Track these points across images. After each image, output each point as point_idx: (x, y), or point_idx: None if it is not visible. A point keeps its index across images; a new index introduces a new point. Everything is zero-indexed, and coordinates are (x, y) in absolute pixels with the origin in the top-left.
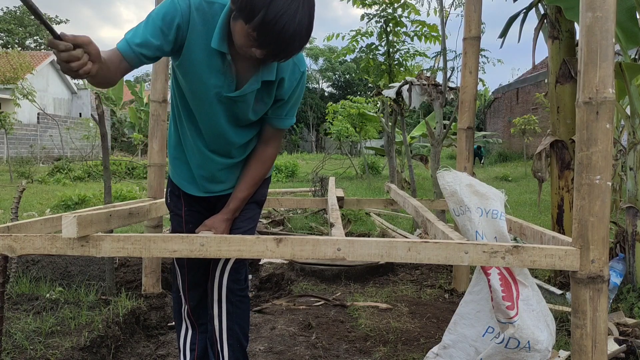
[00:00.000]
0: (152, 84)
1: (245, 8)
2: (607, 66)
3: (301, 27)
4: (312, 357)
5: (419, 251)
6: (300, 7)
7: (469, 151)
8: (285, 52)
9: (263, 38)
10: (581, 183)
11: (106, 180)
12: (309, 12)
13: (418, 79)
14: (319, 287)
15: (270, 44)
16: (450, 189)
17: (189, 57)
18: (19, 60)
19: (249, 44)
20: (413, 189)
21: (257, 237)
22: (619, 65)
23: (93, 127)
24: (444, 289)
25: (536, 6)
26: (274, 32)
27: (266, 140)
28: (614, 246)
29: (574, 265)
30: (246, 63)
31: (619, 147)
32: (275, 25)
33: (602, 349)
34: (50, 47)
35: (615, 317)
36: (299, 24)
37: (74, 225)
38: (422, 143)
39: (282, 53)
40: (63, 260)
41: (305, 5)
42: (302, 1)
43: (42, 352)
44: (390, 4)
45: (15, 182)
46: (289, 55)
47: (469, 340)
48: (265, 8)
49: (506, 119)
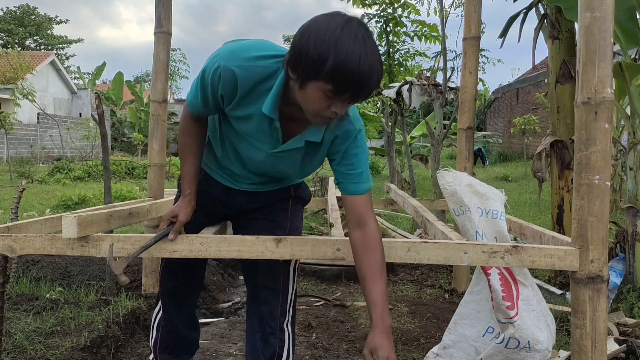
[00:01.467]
0: (152, 84)
1: (311, 64)
2: (606, 66)
3: (374, 59)
4: (312, 357)
5: (419, 251)
6: (367, 38)
7: (469, 151)
8: (367, 89)
9: (340, 83)
10: (580, 183)
11: (106, 180)
12: (373, 43)
13: (418, 79)
14: (319, 287)
15: (349, 86)
16: (450, 189)
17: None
18: (19, 60)
19: (326, 103)
20: (413, 189)
21: (257, 237)
22: (619, 65)
23: (93, 127)
24: (444, 289)
25: (536, 6)
26: (349, 70)
27: (359, 220)
28: (614, 246)
29: (574, 265)
30: (294, 123)
31: (619, 147)
32: (350, 62)
33: (602, 349)
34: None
35: (615, 317)
36: (370, 53)
37: (74, 226)
38: (422, 143)
39: (364, 91)
40: (63, 260)
41: (369, 38)
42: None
43: (42, 352)
44: (390, 4)
45: (15, 182)
46: (370, 91)
47: (469, 340)
48: (332, 50)
49: (506, 119)
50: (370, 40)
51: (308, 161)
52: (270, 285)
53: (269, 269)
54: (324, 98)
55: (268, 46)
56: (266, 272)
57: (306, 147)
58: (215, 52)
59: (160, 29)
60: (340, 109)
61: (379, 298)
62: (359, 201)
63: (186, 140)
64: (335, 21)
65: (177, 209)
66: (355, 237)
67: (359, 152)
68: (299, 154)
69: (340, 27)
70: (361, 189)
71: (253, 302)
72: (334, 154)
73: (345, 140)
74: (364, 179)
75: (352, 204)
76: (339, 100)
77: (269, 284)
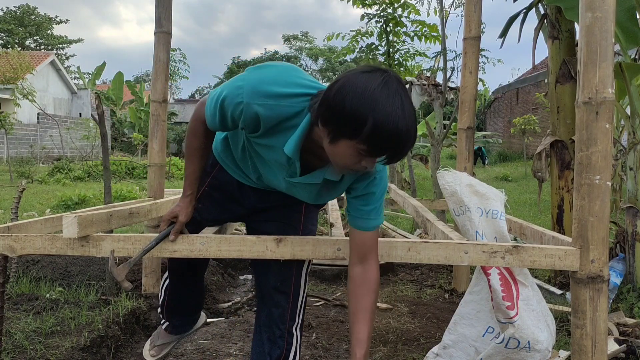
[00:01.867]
0: (152, 84)
1: (347, 124)
2: (607, 66)
3: (411, 120)
4: (312, 357)
5: (419, 251)
6: (404, 98)
7: (469, 151)
8: (402, 152)
9: (377, 146)
10: (581, 183)
11: (106, 180)
12: (409, 100)
13: (418, 79)
14: (319, 287)
15: (385, 149)
16: (450, 189)
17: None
18: (19, 60)
19: (356, 160)
20: (413, 189)
21: (258, 237)
22: (619, 65)
23: (93, 127)
24: (444, 289)
25: (536, 6)
26: (388, 135)
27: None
28: (614, 246)
29: (574, 265)
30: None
31: (619, 147)
32: (388, 127)
33: (602, 349)
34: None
35: (615, 317)
36: (409, 117)
37: (74, 225)
38: (422, 143)
39: (399, 154)
40: (63, 260)
41: (405, 96)
42: (400, 92)
43: (42, 352)
44: (390, 4)
45: (15, 182)
46: (404, 154)
47: (469, 340)
48: (371, 114)
49: (506, 119)
50: (406, 99)
51: (325, 193)
52: (282, 288)
53: (281, 271)
54: (356, 155)
55: (294, 80)
56: (278, 274)
57: (324, 182)
58: (238, 79)
59: (160, 29)
60: (371, 166)
61: (366, 339)
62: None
63: (194, 142)
64: (373, 79)
65: (178, 209)
66: (355, 272)
67: (377, 191)
68: (315, 187)
69: (379, 87)
70: (370, 225)
71: (263, 302)
72: (351, 189)
73: (365, 180)
74: (375, 216)
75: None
76: (371, 160)
77: (280, 286)
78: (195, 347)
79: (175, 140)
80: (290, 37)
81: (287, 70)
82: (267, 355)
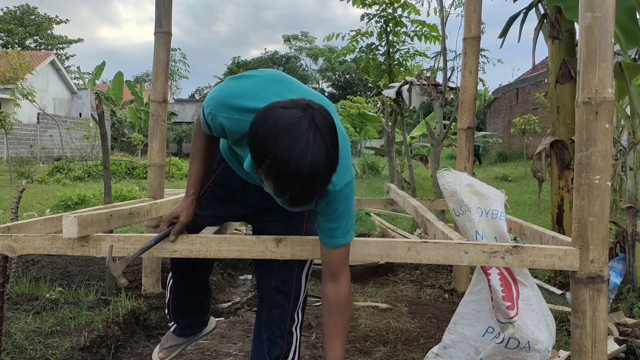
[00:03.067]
0: (152, 84)
1: (254, 154)
2: (607, 66)
3: (319, 163)
4: (312, 357)
5: (419, 251)
6: (312, 140)
7: (469, 151)
8: (305, 195)
9: (276, 184)
10: (581, 183)
11: (106, 180)
12: (323, 143)
13: (418, 79)
14: (319, 287)
15: (286, 189)
16: (450, 189)
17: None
18: (19, 60)
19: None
20: (413, 189)
21: (257, 237)
22: (619, 65)
23: (93, 127)
24: (444, 289)
25: (536, 6)
26: (286, 174)
27: (332, 274)
28: (614, 246)
29: (574, 265)
30: None
31: (619, 147)
32: (287, 167)
33: (602, 349)
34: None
35: (615, 317)
36: (315, 159)
37: (74, 226)
38: (422, 143)
39: (302, 197)
40: (63, 260)
41: (317, 137)
42: (312, 133)
43: (42, 352)
44: (390, 4)
45: (15, 182)
46: (311, 197)
47: (469, 340)
48: (272, 151)
49: (506, 119)
50: (320, 140)
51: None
52: (282, 289)
53: (282, 271)
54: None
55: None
56: (279, 274)
57: None
58: (217, 87)
59: (160, 29)
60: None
61: (341, 356)
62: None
63: (198, 143)
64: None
65: (179, 210)
66: (327, 291)
67: (339, 209)
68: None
69: (290, 125)
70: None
71: (263, 302)
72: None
73: (323, 199)
74: (340, 234)
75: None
76: (280, 199)
77: (281, 287)
78: (195, 347)
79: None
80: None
81: (264, 83)
82: (267, 355)
